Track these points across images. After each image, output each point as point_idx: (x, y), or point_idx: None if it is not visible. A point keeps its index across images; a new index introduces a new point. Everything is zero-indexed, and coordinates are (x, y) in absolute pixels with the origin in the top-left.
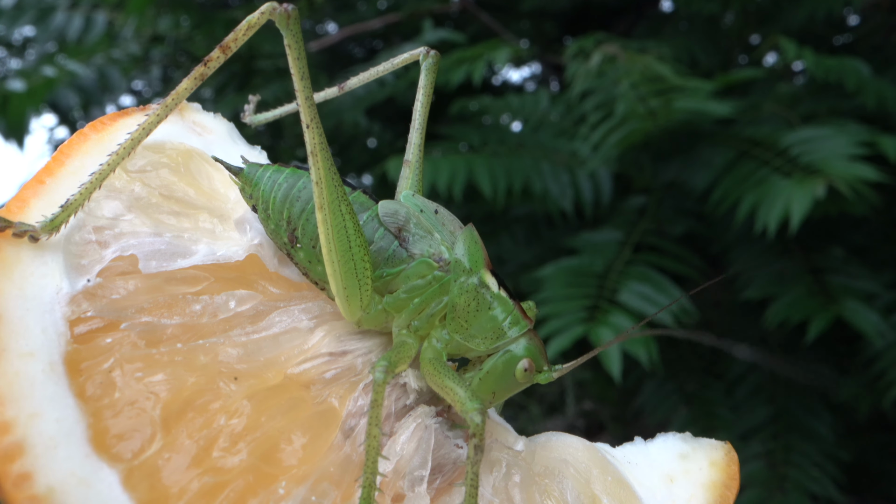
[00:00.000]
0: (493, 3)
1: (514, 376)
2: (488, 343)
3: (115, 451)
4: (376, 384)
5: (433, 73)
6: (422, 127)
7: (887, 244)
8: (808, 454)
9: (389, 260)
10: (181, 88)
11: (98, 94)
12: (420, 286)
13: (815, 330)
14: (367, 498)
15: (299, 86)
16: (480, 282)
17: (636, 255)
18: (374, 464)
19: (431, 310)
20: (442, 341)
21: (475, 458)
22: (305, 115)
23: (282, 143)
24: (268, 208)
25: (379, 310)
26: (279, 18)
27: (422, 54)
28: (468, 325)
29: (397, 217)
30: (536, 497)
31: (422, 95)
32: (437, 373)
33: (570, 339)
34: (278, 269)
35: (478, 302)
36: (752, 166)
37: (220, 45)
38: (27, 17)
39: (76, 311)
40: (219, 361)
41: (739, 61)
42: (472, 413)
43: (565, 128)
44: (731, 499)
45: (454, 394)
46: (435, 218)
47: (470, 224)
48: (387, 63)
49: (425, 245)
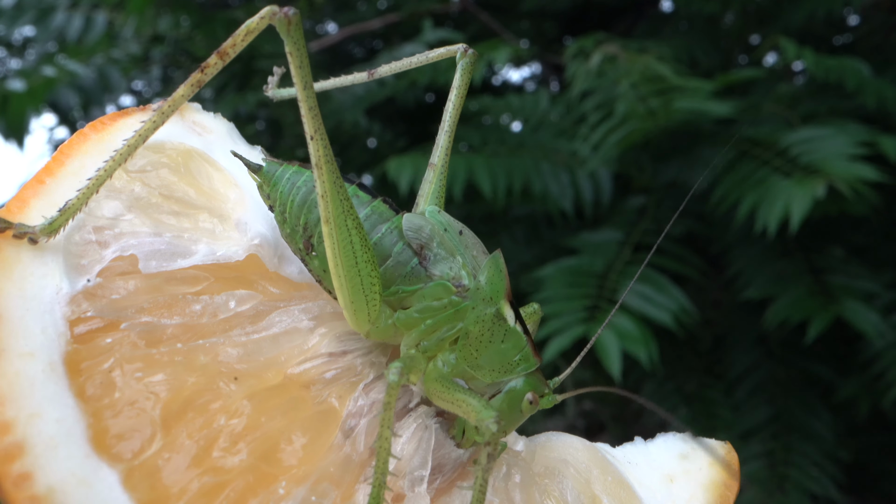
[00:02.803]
0: (493, 3)
1: (521, 411)
2: (494, 375)
3: (115, 451)
4: (390, 386)
5: (469, 74)
6: (451, 129)
7: (887, 244)
8: (808, 454)
9: (407, 277)
10: (178, 95)
11: (98, 94)
12: (435, 308)
13: (815, 330)
14: (376, 497)
15: (302, 96)
16: (498, 313)
17: (636, 255)
18: (385, 464)
19: (443, 333)
20: (448, 365)
21: (487, 466)
22: (310, 126)
23: (282, 142)
24: (285, 211)
25: (389, 324)
26: (279, 24)
27: (459, 52)
28: (478, 355)
29: (421, 234)
30: (536, 497)
31: (454, 97)
32: (446, 389)
33: (570, 339)
34: (278, 269)
35: (492, 333)
36: (752, 166)
37: (217, 50)
38: (27, 17)
39: (76, 311)
40: (219, 361)
41: (739, 61)
42: (489, 421)
43: (565, 128)
44: (731, 499)
45: (467, 405)
46: (459, 239)
47: (497, 251)
48: (421, 56)
49: (446, 267)
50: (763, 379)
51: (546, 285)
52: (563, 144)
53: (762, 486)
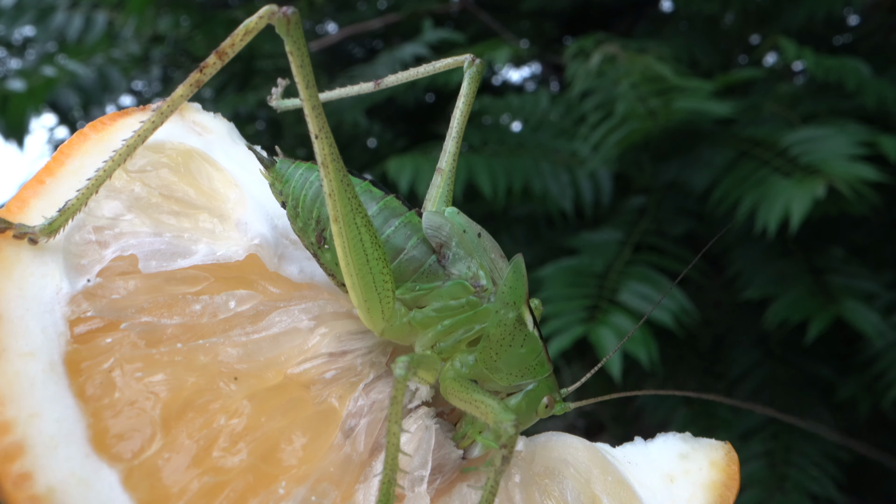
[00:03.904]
0: (493, 3)
1: (536, 413)
2: (512, 379)
3: (115, 451)
4: (397, 380)
5: (476, 83)
6: (459, 136)
7: (887, 244)
8: (808, 454)
9: (424, 274)
10: (176, 95)
11: (98, 94)
12: (452, 307)
13: (815, 330)
14: (386, 493)
15: (304, 95)
16: (519, 318)
17: (636, 255)
18: (395, 460)
19: (460, 335)
20: (466, 366)
21: (500, 468)
22: (313, 124)
23: (282, 142)
24: (297, 206)
25: (404, 323)
26: (279, 23)
27: (466, 61)
28: (497, 358)
29: (440, 232)
30: (536, 497)
31: (462, 104)
32: (464, 389)
33: (570, 338)
34: (278, 269)
35: (513, 337)
36: (752, 166)
37: (216, 50)
38: (27, 17)
39: (76, 311)
40: (219, 361)
41: (739, 61)
42: (507, 424)
43: (565, 128)
44: (731, 499)
45: (486, 406)
46: (478, 241)
47: (519, 255)
48: (428, 66)
49: (464, 267)
50: (763, 379)
51: (546, 285)
52: (563, 144)
53: (762, 486)
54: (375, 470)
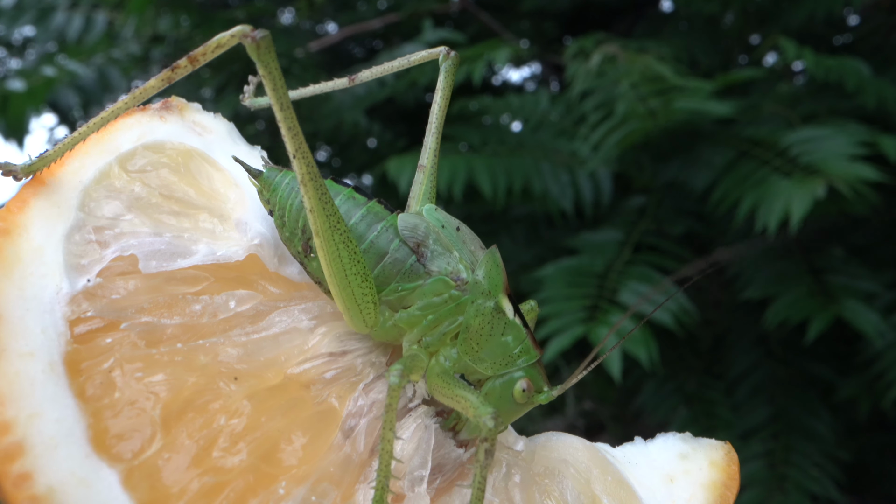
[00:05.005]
0: (493, 3)
1: (513, 397)
2: (496, 368)
3: (115, 451)
4: (391, 388)
5: (452, 76)
6: (438, 131)
7: (887, 244)
8: (808, 454)
9: (406, 275)
10: (148, 85)
11: (98, 94)
12: (436, 304)
13: (815, 330)
14: (379, 500)
15: (280, 117)
16: (497, 307)
17: (636, 255)
18: (388, 467)
19: (444, 328)
20: (450, 360)
21: (485, 462)
22: (291, 145)
23: (282, 143)
24: (284, 215)
25: (390, 326)
26: (249, 48)
27: (441, 55)
28: (479, 348)
29: (416, 232)
30: (536, 497)
31: (440, 98)
32: (447, 384)
33: (570, 339)
34: (278, 269)
35: (492, 326)
36: (752, 166)
37: (189, 54)
38: (27, 17)
39: (76, 311)
40: (219, 361)
41: (739, 61)
42: (486, 417)
43: (565, 128)
44: (731, 499)
45: (466, 401)
46: (456, 235)
47: (494, 246)
48: (403, 59)
49: (444, 263)
50: (763, 379)
51: (546, 285)
52: (563, 144)
53: (762, 486)
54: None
